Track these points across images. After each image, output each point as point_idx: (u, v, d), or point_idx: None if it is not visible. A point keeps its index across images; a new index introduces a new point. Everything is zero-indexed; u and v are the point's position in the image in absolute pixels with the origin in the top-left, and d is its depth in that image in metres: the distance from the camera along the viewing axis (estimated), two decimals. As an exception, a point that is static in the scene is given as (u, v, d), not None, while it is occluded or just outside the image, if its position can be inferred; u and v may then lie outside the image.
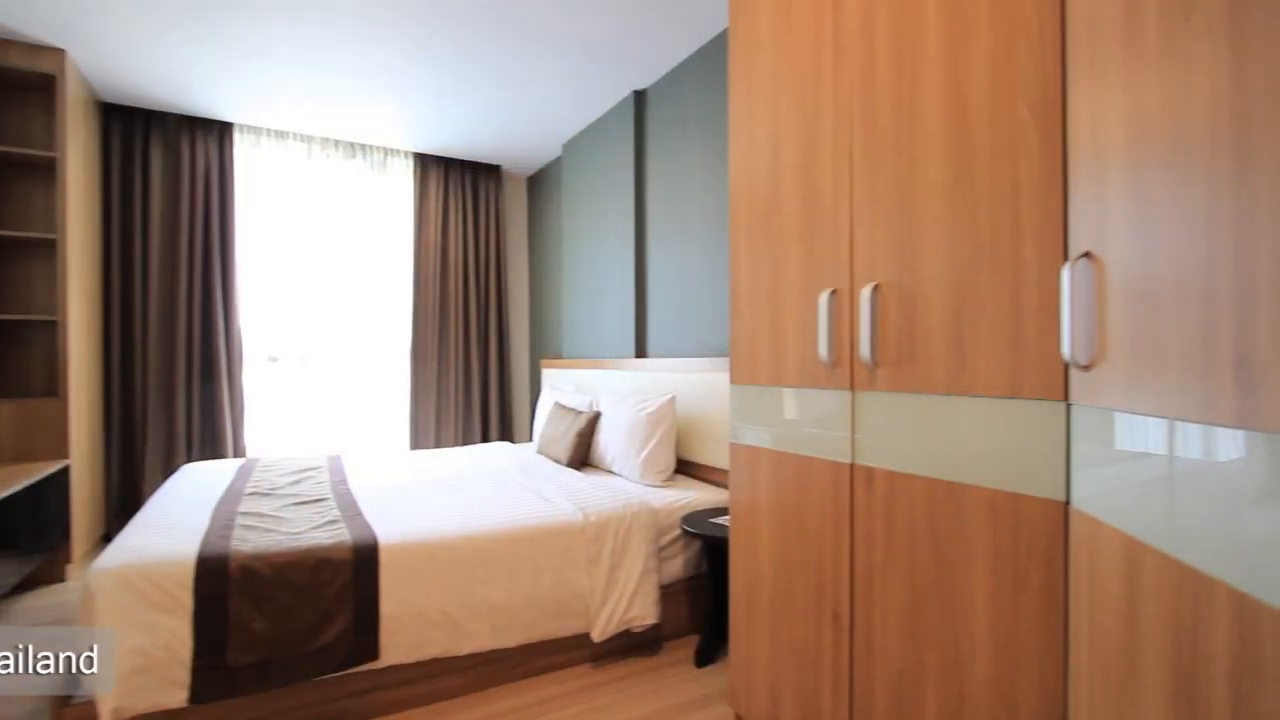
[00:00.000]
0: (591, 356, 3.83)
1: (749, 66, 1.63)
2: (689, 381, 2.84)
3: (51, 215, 3.14)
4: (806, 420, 1.44)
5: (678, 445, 2.84)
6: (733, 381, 1.69)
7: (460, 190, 4.55)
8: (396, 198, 4.36)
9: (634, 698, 1.98)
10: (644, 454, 2.65)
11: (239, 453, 3.92)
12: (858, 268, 1.28)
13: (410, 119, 3.82)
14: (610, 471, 2.92)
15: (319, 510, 2.17)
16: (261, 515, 2.07)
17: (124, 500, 3.64)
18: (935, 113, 1.12)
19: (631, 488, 2.56)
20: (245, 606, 1.66)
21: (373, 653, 1.79)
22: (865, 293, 1.23)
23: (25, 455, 2.97)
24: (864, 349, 1.24)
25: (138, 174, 3.67)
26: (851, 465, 1.30)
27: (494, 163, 4.65)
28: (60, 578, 2.99)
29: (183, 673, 1.59)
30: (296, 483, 2.59)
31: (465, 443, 4.52)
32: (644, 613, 2.14)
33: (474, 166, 4.61)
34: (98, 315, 3.54)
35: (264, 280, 4.04)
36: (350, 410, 4.31)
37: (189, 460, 3.75)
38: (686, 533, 2.17)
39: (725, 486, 2.65)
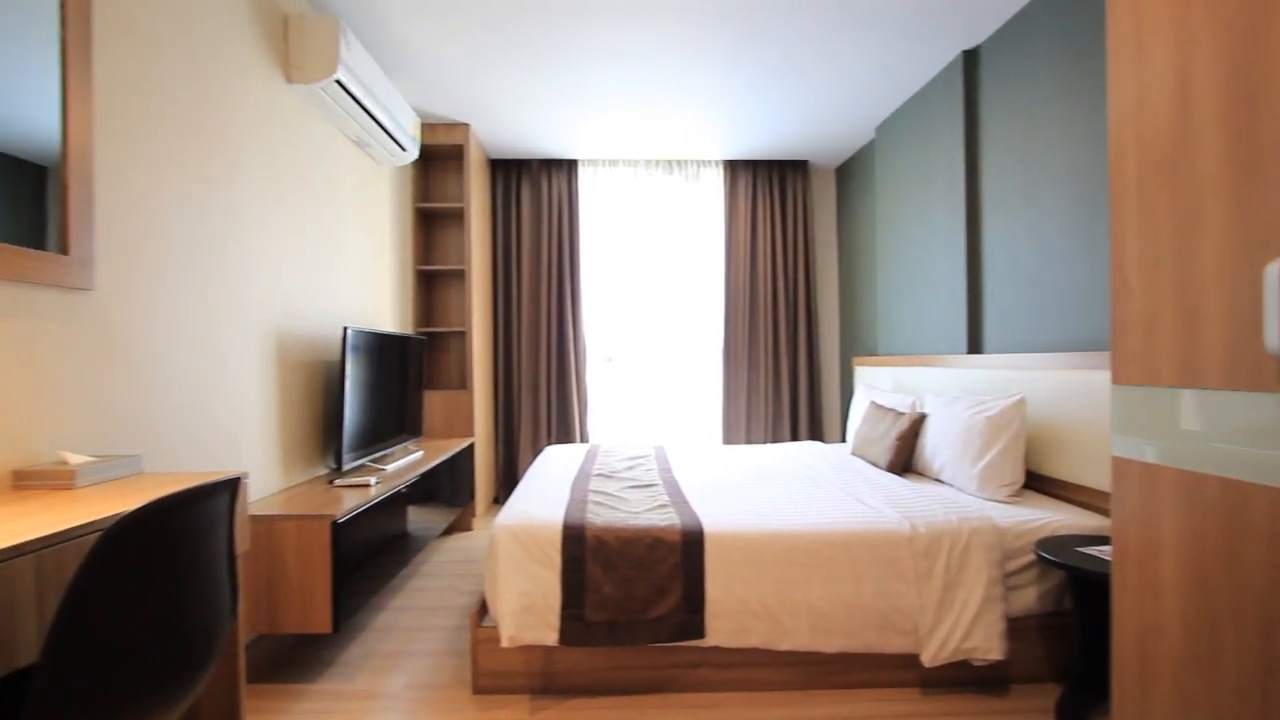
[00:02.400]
0: (912, 353, 3.52)
1: (1137, -17, 1.29)
2: (1041, 380, 2.40)
3: (461, 251, 4.15)
4: (1241, 433, 1.08)
5: (1027, 455, 2.42)
6: (1115, 381, 1.36)
7: (767, 191, 4.62)
8: (708, 205, 4.64)
9: (975, 739, 1.74)
10: (983, 463, 2.32)
11: (584, 439, 4.61)
12: (1341, 220, 0.91)
13: (721, 128, 4.02)
14: (938, 480, 2.63)
15: (651, 494, 2.41)
16: (607, 494, 2.38)
17: (507, 471, 4.60)
18: None
19: (968, 500, 2.27)
20: (598, 571, 1.93)
21: (699, 631, 1.92)
22: (1359, 254, 0.86)
23: (447, 433, 3.96)
24: (1356, 334, 0.87)
25: (513, 211, 4.60)
26: (1331, 498, 0.93)
27: (801, 158, 4.61)
28: (468, 527, 3.91)
29: (554, 618, 1.92)
30: (631, 468, 2.93)
31: (774, 440, 4.58)
32: (987, 645, 1.87)
33: (780, 165, 4.64)
34: (489, 326, 4.53)
35: (601, 290, 4.69)
36: (670, 405, 4.73)
37: (549, 443, 4.55)
38: (1044, 560, 1.83)
39: (1094, 508, 2.17)
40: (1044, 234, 2.52)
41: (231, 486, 1.07)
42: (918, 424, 2.80)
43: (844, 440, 4.76)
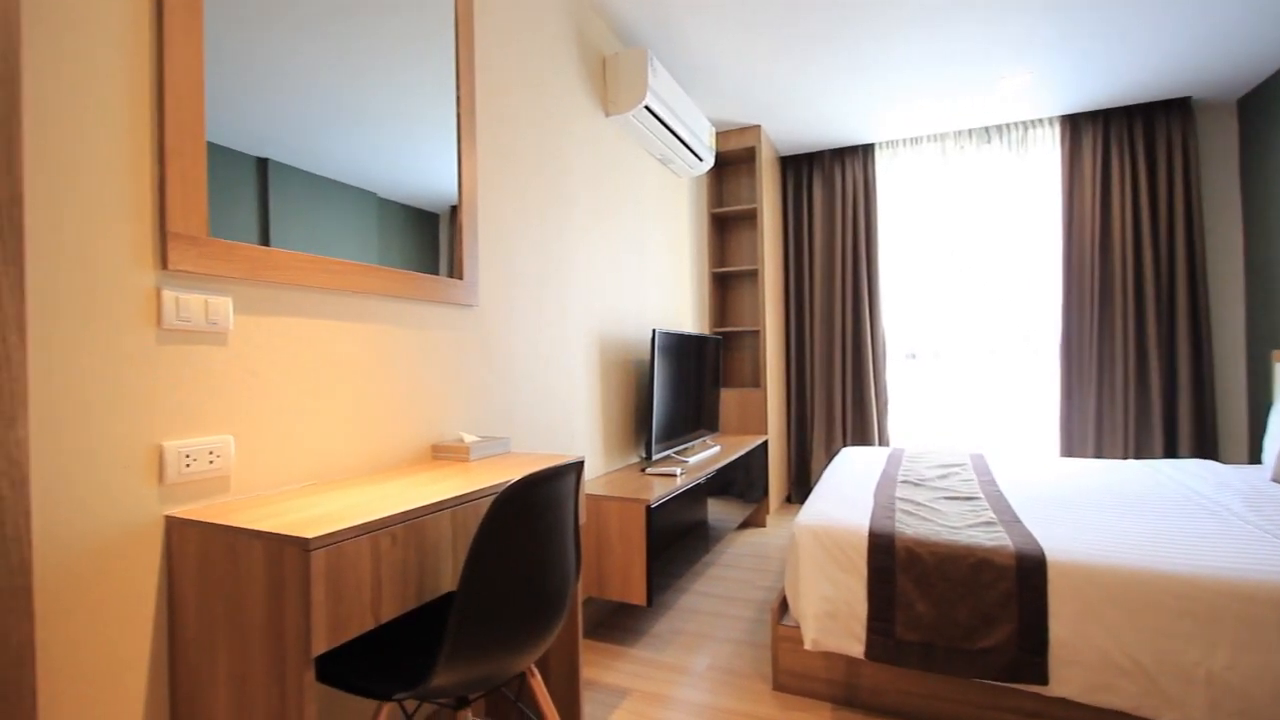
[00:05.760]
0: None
1: None
2: None
3: (754, 251, 4.23)
4: None
5: None
6: None
7: (1125, 144, 3.71)
8: (1040, 173, 3.92)
9: None
10: None
11: (882, 441, 4.31)
12: None
13: (1056, 77, 3.36)
14: None
15: (971, 508, 2.12)
16: (917, 504, 2.18)
17: (799, 471, 4.54)
18: None
19: None
20: (909, 586, 1.77)
21: (1040, 676, 1.62)
22: None
23: (741, 430, 4.06)
24: None
25: (804, 206, 4.51)
26: None
27: (1179, 95, 3.59)
28: (762, 523, 3.95)
29: (859, 628, 1.82)
30: (943, 477, 2.63)
31: (1138, 455, 3.66)
32: None
33: (1145, 109, 3.68)
34: (781, 324, 4.53)
35: (902, 281, 4.32)
36: (990, 408, 4.13)
37: (844, 444, 4.36)
38: None
39: None
40: None
41: (577, 468, 1.25)
42: (1401, 445, 1.95)
43: (1256, 461, 3.58)
